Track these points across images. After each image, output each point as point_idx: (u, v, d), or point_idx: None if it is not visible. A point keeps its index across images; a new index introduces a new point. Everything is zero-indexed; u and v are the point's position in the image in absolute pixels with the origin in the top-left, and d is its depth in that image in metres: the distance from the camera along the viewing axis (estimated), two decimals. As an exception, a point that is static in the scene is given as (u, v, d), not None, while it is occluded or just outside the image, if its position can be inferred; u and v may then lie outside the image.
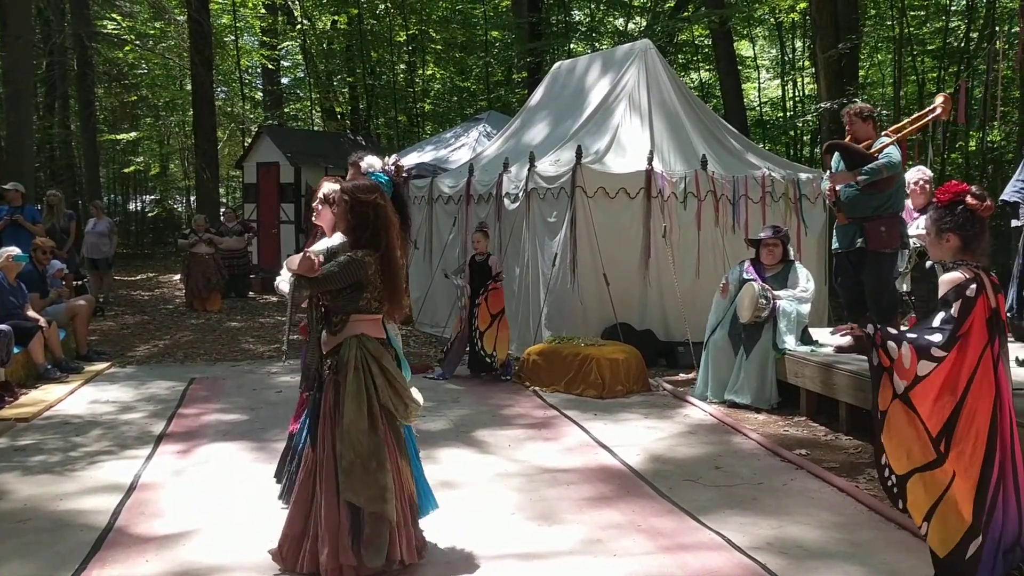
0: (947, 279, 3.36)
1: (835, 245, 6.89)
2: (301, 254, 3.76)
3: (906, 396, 3.29)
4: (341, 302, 3.89)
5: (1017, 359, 6.50)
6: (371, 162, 4.38)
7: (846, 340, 6.89)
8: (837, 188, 6.65)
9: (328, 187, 4.57)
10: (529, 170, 9.62)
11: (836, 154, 6.71)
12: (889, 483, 3.39)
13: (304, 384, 4.46)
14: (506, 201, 10.13)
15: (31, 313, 8.45)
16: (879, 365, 3.38)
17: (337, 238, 4.26)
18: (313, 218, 4.73)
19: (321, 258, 3.81)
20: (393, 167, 4.36)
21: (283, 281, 4.10)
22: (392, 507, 3.77)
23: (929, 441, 3.29)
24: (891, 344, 3.32)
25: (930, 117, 6.65)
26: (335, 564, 3.75)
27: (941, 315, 3.31)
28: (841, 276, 6.90)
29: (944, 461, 3.29)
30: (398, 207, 4.27)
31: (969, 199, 3.40)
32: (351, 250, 3.90)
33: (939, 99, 6.60)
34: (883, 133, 6.76)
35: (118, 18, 21.29)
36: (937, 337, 3.29)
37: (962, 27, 17.48)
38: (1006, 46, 12.75)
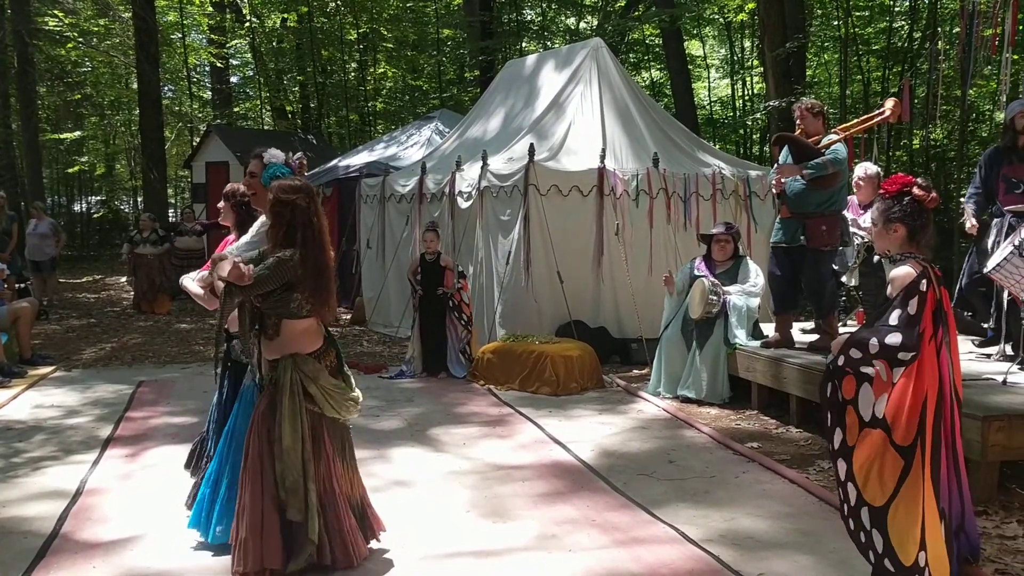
0: (898, 274, 3.38)
1: (776, 238, 6.97)
2: (229, 261, 3.69)
3: (882, 416, 3.29)
4: (272, 304, 3.84)
5: (973, 342, 6.67)
6: (274, 154, 4.35)
7: (775, 336, 7.05)
8: (783, 180, 6.75)
9: (230, 186, 4.63)
10: (482, 168, 9.61)
11: (785, 147, 6.81)
12: (861, 528, 3.34)
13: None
14: (459, 199, 10.11)
15: (-29, 316, 8.23)
16: (842, 400, 3.37)
17: (245, 237, 4.25)
18: (219, 219, 4.69)
19: (251, 267, 3.73)
20: (297, 163, 4.33)
21: (188, 279, 4.04)
22: (314, 524, 3.77)
23: (896, 452, 3.29)
24: (864, 369, 3.34)
25: (878, 119, 6.78)
26: (259, 567, 3.72)
27: (897, 312, 3.32)
28: (778, 270, 6.99)
29: (911, 467, 3.30)
30: None
31: (916, 190, 3.47)
32: (273, 250, 3.86)
33: (889, 103, 6.73)
34: (832, 131, 6.88)
35: (60, 15, 20.81)
36: (897, 338, 3.28)
37: (905, 28, 17.84)
38: (947, 46, 13.05)
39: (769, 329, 7.53)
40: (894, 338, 3.28)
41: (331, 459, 3.94)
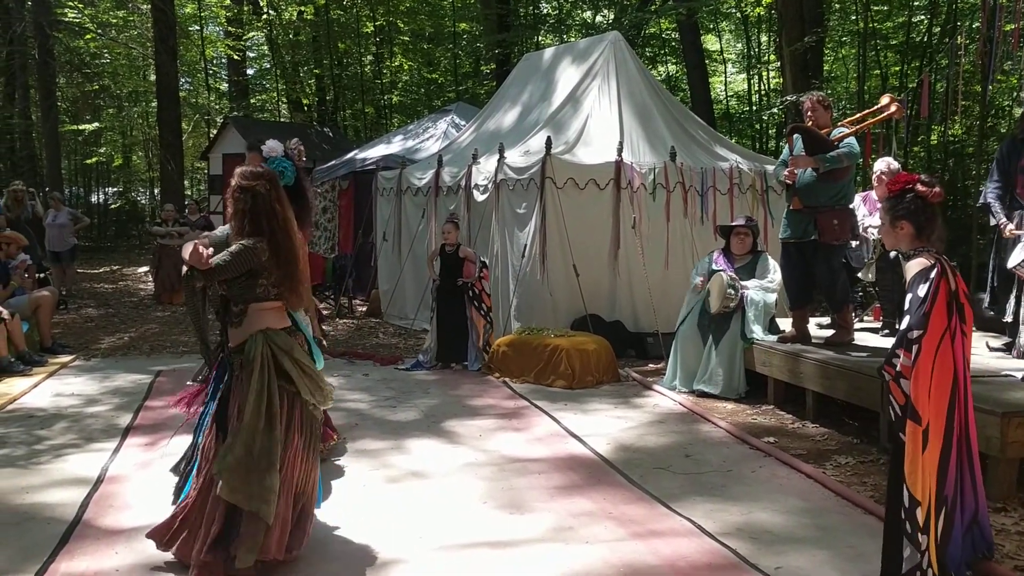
0: (913, 265, 3.45)
1: (785, 234, 6.94)
2: (191, 243, 3.68)
3: (910, 404, 3.31)
4: (238, 290, 3.82)
5: (988, 345, 6.63)
6: (273, 147, 4.33)
7: (791, 332, 7.03)
8: (796, 172, 6.72)
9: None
10: (499, 161, 9.62)
11: (797, 138, 6.78)
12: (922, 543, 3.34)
13: (204, 368, 4.35)
14: (475, 192, 10.12)
15: (-7, 305, 8.32)
16: (902, 411, 3.39)
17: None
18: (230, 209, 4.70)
19: (211, 250, 3.71)
20: (295, 151, 4.32)
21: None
22: (272, 508, 3.67)
23: (921, 435, 3.32)
24: (896, 362, 3.38)
25: (884, 115, 6.75)
26: (200, 559, 3.69)
27: (909, 296, 3.39)
28: (789, 266, 6.97)
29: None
30: (298, 193, 4.24)
31: (919, 186, 3.50)
32: (236, 237, 3.84)
33: (884, 99, 6.72)
34: (839, 124, 6.85)
35: (79, 6, 20.93)
36: (905, 322, 3.36)
37: (924, 22, 17.71)
38: (967, 41, 12.92)
39: (785, 324, 7.52)
40: (905, 324, 3.37)
41: (296, 450, 3.86)
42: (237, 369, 3.85)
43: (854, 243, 7.34)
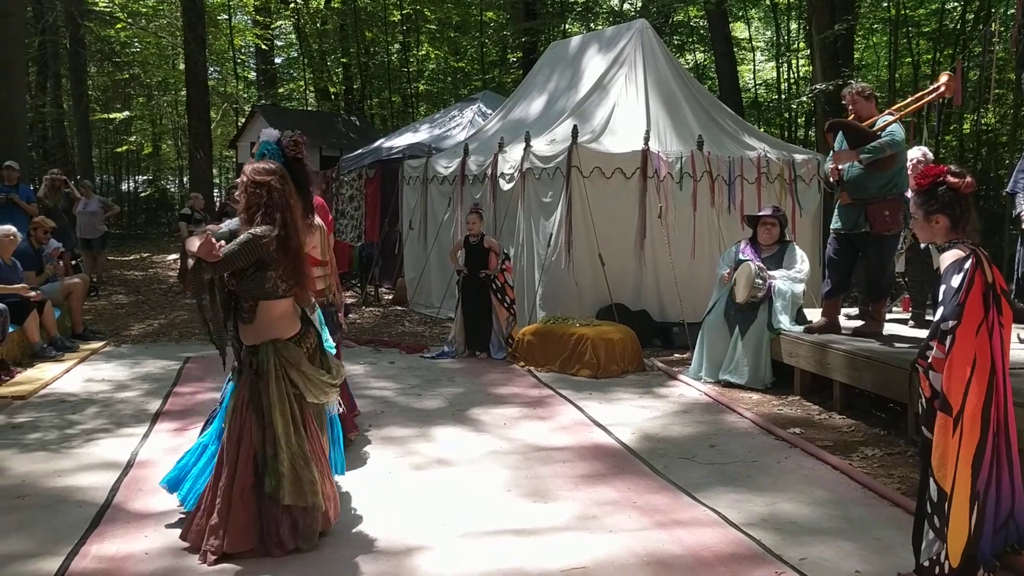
0: (947, 256, 3.41)
1: (836, 224, 6.85)
2: (200, 236, 3.71)
3: (941, 396, 3.29)
4: (247, 285, 3.87)
5: (1019, 337, 6.54)
6: (268, 133, 4.35)
7: (821, 320, 6.96)
8: (840, 167, 6.63)
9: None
10: (525, 150, 9.60)
11: (839, 133, 6.69)
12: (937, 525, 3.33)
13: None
14: (501, 181, 10.12)
15: (26, 291, 8.43)
16: (929, 403, 3.38)
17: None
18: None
19: (223, 243, 3.74)
20: (291, 141, 4.34)
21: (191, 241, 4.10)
22: (319, 499, 3.91)
23: (951, 425, 3.30)
24: (929, 354, 3.36)
25: (934, 95, 6.62)
26: (240, 548, 3.80)
27: (943, 288, 3.36)
28: (838, 256, 6.88)
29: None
30: (297, 183, 4.26)
31: (950, 178, 3.45)
32: (245, 228, 3.88)
33: (943, 77, 6.58)
34: (885, 112, 6.75)
35: (111, -5, 21.16)
36: (939, 312, 3.32)
37: (958, 9, 17.45)
38: (1001, 28, 12.73)
39: (812, 315, 7.46)
40: (939, 315, 3.33)
41: (316, 435, 4.07)
42: (247, 369, 3.97)
43: None
